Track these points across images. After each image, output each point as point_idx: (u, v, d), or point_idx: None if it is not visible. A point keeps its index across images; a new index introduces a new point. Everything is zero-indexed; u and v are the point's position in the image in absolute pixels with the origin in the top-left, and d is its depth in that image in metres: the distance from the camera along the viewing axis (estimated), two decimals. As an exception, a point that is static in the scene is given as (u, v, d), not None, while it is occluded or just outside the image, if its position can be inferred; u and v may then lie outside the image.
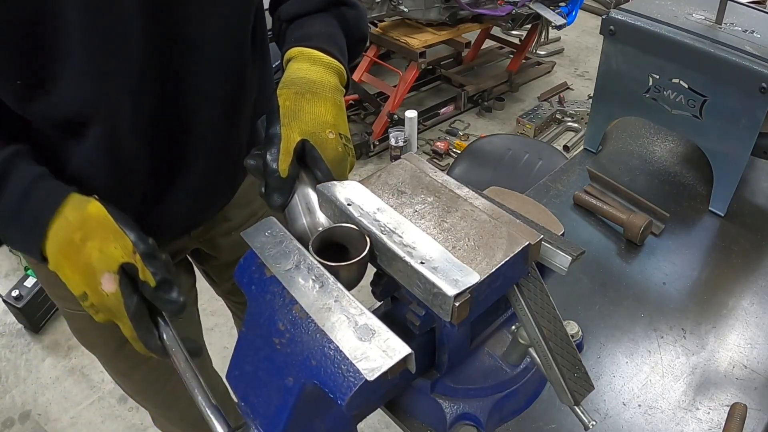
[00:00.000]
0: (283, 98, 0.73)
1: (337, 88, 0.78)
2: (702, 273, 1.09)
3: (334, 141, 0.73)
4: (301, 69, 0.76)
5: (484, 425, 0.76)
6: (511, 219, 0.66)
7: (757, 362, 0.92)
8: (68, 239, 0.65)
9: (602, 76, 1.26)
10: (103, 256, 0.64)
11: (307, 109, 0.72)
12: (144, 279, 0.66)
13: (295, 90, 0.73)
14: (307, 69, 0.76)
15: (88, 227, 0.65)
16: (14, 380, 2.16)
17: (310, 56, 0.77)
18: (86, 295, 0.66)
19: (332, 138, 0.73)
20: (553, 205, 1.23)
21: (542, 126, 3.37)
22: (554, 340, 0.66)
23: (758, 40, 1.06)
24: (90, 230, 0.65)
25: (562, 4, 3.42)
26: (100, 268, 0.64)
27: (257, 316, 0.61)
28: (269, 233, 0.65)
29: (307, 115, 0.72)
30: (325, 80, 0.76)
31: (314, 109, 0.73)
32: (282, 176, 0.70)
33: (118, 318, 0.66)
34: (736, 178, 1.14)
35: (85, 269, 0.64)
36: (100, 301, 0.65)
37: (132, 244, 0.65)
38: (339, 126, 0.74)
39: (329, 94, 0.75)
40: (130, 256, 0.65)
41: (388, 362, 0.51)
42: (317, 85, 0.75)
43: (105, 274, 0.64)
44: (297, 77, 0.75)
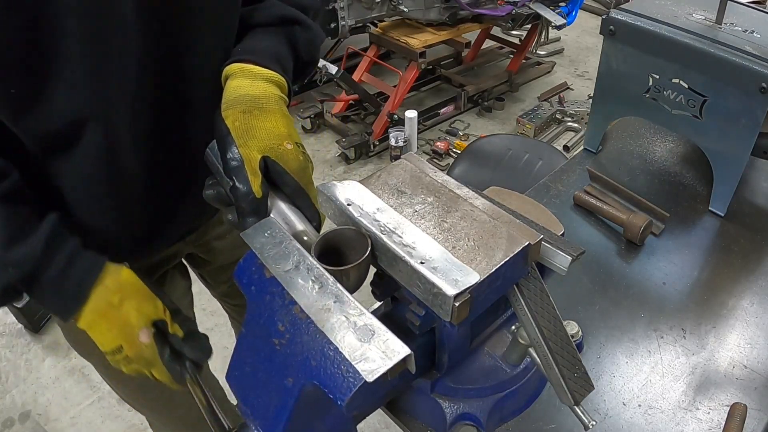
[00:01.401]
0: (231, 119, 0.71)
1: (281, 98, 0.76)
2: (702, 273, 1.09)
3: (293, 151, 0.72)
4: (241, 86, 0.74)
5: (484, 425, 0.76)
6: (511, 219, 0.66)
7: (757, 362, 0.92)
8: (108, 302, 0.73)
9: (602, 76, 1.26)
10: (140, 314, 0.74)
11: (259, 125, 0.71)
12: (173, 332, 0.77)
13: (240, 109, 0.72)
14: (248, 86, 0.74)
15: (125, 291, 0.74)
16: (14, 380, 2.16)
17: (251, 72, 0.76)
18: (121, 348, 0.74)
19: (291, 149, 0.72)
20: (553, 205, 1.23)
21: (542, 126, 3.36)
22: (554, 340, 0.66)
23: (758, 40, 1.06)
24: (127, 293, 0.74)
25: (562, 4, 3.42)
26: (138, 324, 0.73)
27: (257, 316, 0.61)
28: (269, 234, 0.65)
29: (260, 131, 0.71)
30: (268, 93, 0.75)
31: (266, 125, 0.71)
32: (257, 197, 0.69)
33: (153, 365, 0.77)
34: (736, 178, 1.14)
35: (124, 326, 0.73)
36: (137, 353, 0.75)
37: (162, 304, 0.76)
38: (293, 135, 0.73)
39: (275, 106, 0.74)
40: (161, 314, 0.76)
41: (388, 363, 0.50)
42: (261, 100, 0.73)
43: (143, 328, 0.74)
44: (239, 95, 0.73)
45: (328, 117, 3.45)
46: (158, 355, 0.75)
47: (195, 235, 1.05)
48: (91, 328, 0.74)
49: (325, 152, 3.31)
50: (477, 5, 3.19)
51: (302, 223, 0.71)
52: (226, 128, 0.71)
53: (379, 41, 3.31)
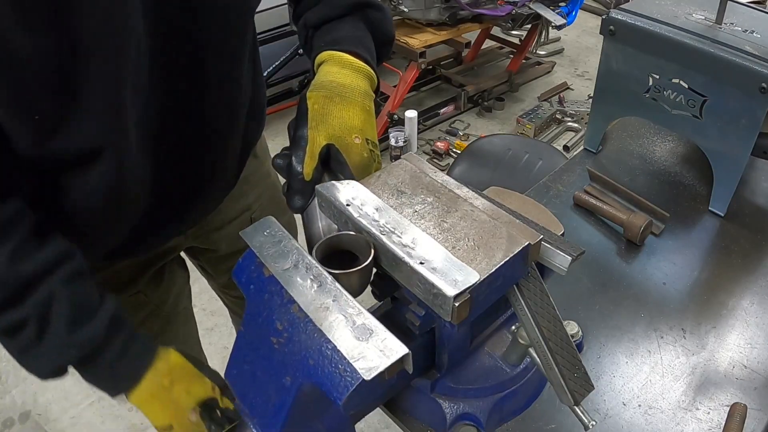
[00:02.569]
0: (312, 101, 0.73)
1: (367, 93, 0.77)
2: (702, 273, 1.09)
3: (359, 146, 0.73)
4: (330, 72, 0.76)
5: (484, 425, 0.76)
6: (511, 219, 0.66)
7: (757, 362, 0.92)
8: (159, 384, 0.75)
9: (602, 76, 1.26)
10: (189, 396, 0.75)
11: (335, 113, 0.73)
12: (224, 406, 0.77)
13: (324, 93, 0.74)
14: (336, 72, 0.76)
15: (175, 374, 0.76)
16: (14, 380, 2.16)
17: (341, 60, 0.77)
18: (172, 427, 0.76)
19: (358, 143, 0.73)
20: (553, 205, 1.23)
21: (542, 126, 3.36)
22: (554, 340, 0.66)
23: (758, 40, 1.06)
24: (177, 376, 0.76)
25: (562, 4, 3.42)
26: (188, 406, 0.75)
27: (255, 315, 0.61)
28: (268, 233, 0.65)
29: (334, 119, 0.72)
30: (354, 84, 0.76)
31: (342, 113, 0.73)
32: (306, 179, 0.71)
33: None
34: (736, 178, 1.14)
35: (176, 407, 0.75)
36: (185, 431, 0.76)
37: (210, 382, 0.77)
38: (366, 131, 0.74)
39: (358, 98, 0.75)
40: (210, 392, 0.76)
41: (385, 362, 0.50)
42: (346, 89, 0.75)
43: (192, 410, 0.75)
44: (326, 80, 0.75)
45: (328, 117, 3.45)
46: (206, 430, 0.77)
47: (195, 229, 1.05)
48: (143, 407, 0.76)
49: (325, 152, 3.31)
50: (477, 5, 3.19)
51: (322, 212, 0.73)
52: (306, 108, 0.73)
53: (379, 41, 3.31)
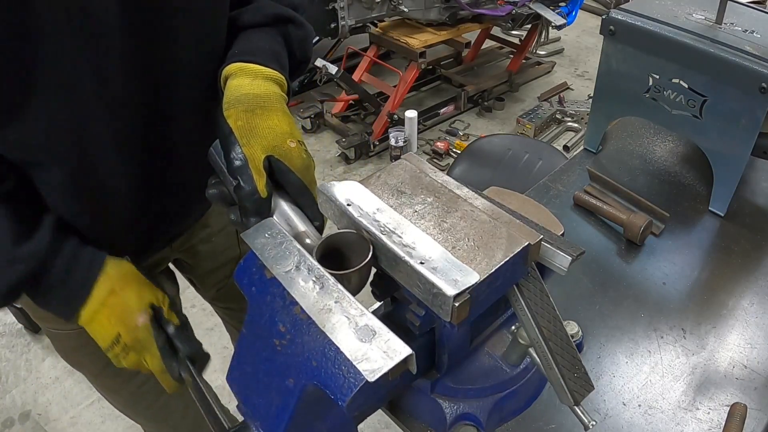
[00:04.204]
0: (234, 118, 0.71)
1: (282, 97, 0.76)
2: (702, 273, 1.09)
3: (297, 149, 0.72)
4: (242, 86, 0.74)
5: (484, 425, 0.76)
6: (511, 219, 0.66)
7: (757, 362, 0.92)
8: (110, 289, 0.75)
9: (602, 76, 1.26)
10: (139, 298, 0.76)
11: (262, 124, 0.71)
12: (169, 318, 0.78)
13: (243, 108, 0.71)
14: (249, 85, 0.74)
15: (127, 279, 0.77)
16: (14, 380, 2.16)
17: (252, 71, 0.75)
18: (118, 337, 0.76)
19: (294, 147, 0.71)
20: (553, 205, 1.23)
21: (542, 126, 3.37)
22: (554, 340, 0.66)
23: (758, 40, 1.06)
24: (128, 281, 0.77)
25: (562, 4, 3.42)
26: (137, 307, 0.76)
27: (257, 317, 0.61)
28: (269, 234, 0.65)
29: (264, 130, 0.70)
30: (269, 92, 0.74)
31: (269, 123, 0.71)
32: (262, 197, 0.69)
33: (149, 349, 0.77)
34: (736, 178, 1.14)
35: (123, 309, 0.75)
36: (133, 336, 0.76)
37: (161, 293, 0.79)
38: (295, 134, 0.73)
39: (277, 104, 0.74)
40: (159, 301, 0.78)
41: (389, 363, 0.51)
42: (264, 99, 0.73)
43: (141, 312, 0.76)
44: (241, 94, 0.73)
45: (328, 117, 3.45)
46: (153, 339, 0.76)
47: (180, 241, 1.05)
48: (92, 320, 0.75)
49: (325, 152, 3.31)
50: (477, 5, 3.19)
51: (304, 224, 0.71)
52: (229, 128, 0.70)
53: (379, 41, 3.31)
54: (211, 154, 0.76)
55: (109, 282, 0.74)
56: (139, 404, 1.11)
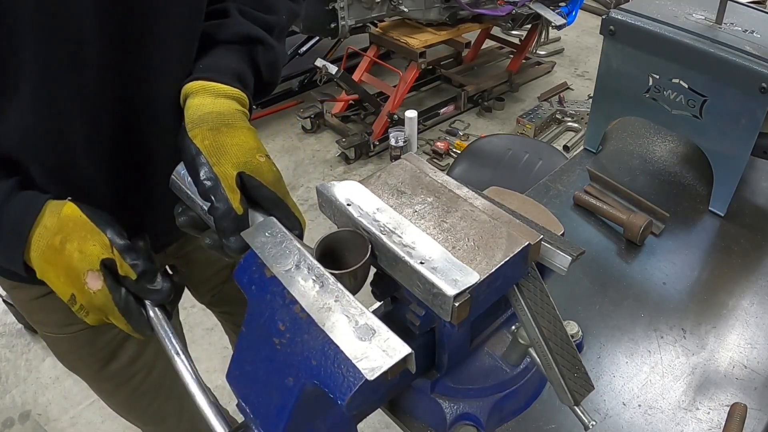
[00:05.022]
0: (200, 138, 0.69)
1: (245, 114, 0.75)
2: (702, 273, 1.09)
3: (267, 164, 0.70)
4: (204, 105, 0.72)
5: (484, 425, 0.76)
6: (511, 219, 0.66)
7: (757, 362, 0.92)
8: (49, 244, 0.66)
9: (602, 76, 1.26)
10: (83, 255, 0.65)
11: (230, 141, 0.69)
12: (124, 273, 0.67)
13: (208, 126, 0.70)
14: (211, 103, 0.73)
15: (66, 230, 0.66)
16: (14, 380, 2.16)
17: (214, 90, 0.74)
18: (74, 297, 0.67)
19: (264, 161, 0.70)
20: (553, 205, 1.23)
21: (542, 126, 3.37)
22: (554, 340, 0.66)
23: (758, 40, 1.06)
24: (68, 232, 0.66)
25: (562, 4, 3.42)
26: (82, 268, 0.65)
27: (257, 316, 0.61)
28: (269, 233, 0.65)
29: (232, 147, 0.69)
30: (232, 109, 0.73)
31: (236, 140, 0.70)
32: (238, 214, 0.66)
33: (110, 313, 0.68)
34: (736, 178, 1.14)
35: (69, 271, 0.66)
36: (88, 301, 0.67)
37: (109, 240, 0.67)
38: (262, 149, 0.72)
39: (241, 122, 0.72)
40: (109, 252, 0.66)
41: (389, 362, 0.51)
42: (228, 116, 0.72)
43: (88, 272, 0.65)
44: (204, 113, 0.71)
45: (328, 117, 3.45)
46: (112, 302, 0.67)
47: (174, 247, 1.04)
48: (44, 277, 0.68)
49: (325, 152, 3.31)
50: (477, 5, 3.20)
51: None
52: (196, 148, 0.68)
53: (379, 41, 3.31)
54: (174, 181, 0.74)
55: (48, 235, 0.66)
56: (134, 408, 1.11)
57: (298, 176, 3.12)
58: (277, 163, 0.74)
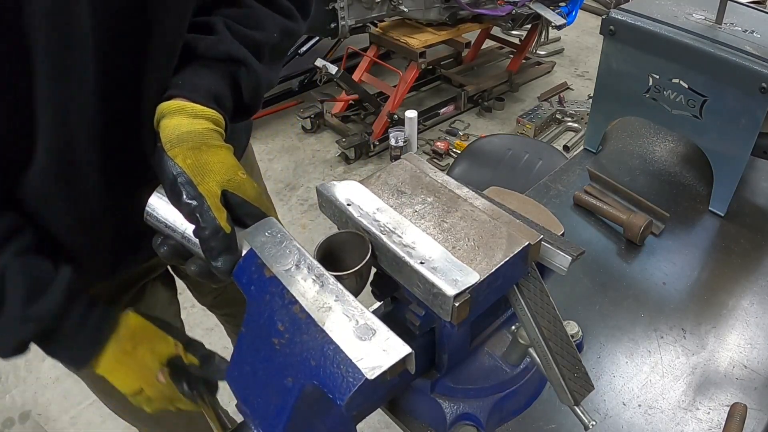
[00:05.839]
0: (181, 158, 0.67)
1: (221, 134, 0.74)
2: (702, 273, 1.09)
3: (249, 180, 0.70)
4: (182, 125, 0.71)
5: (484, 425, 0.76)
6: (511, 219, 0.66)
7: (757, 362, 0.92)
8: (123, 350, 0.75)
9: (602, 76, 1.26)
10: (154, 355, 0.77)
11: (211, 159, 0.69)
12: (189, 362, 0.79)
13: (188, 146, 0.69)
14: (189, 123, 0.71)
15: (137, 337, 0.77)
16: (14, 380, 2.16)
17: (192, 111, 0.73)
18: (142, 390, 0.77)
19: (245, 177, 0.70)
20: (553, 205, 1.23)
21: (542, 126, 3.36)
22: (554, 340, 0.66)
23: (758, 40, 1.06)
24: (139, 339, 0.76)
25: (562, 4, 3.42)
26: (155, 366, 0.76)
27: (257, 316, 0.61)
28: (269, 233, 0.65)
29: (214, 165, 0.68)
30: (210, 129, 0.72)
31: (217, 158, 0.69)
32: (227, 232, 0.65)
33: (175, 400, 0.80)
34: (736, 178, 1.14)
35: (141, 369, 0.76)
36: (158, 393, 0.78)
37: (173, 340, 0.79)
38: (240, 166, 0.72)
39: (219, 141, 0.72)
40: (173, 350, 0.78)
41: (388, 361, 0.50)
42: (206, 135, 0.71)
43: (160, 369, 0.77)
44: (182, 133, 0.70)
45: (328, 117, 3.45)
46: (178, 392, 0.78)
47: None
48: (110, 375, 0.76)
49: (325, 152, 3.31)
50: (477, 5, 3.20)
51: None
52: (178, 168, 0.67)
53: (379, 41, 3.31)
54: (149, 213, 0.72)
55: (121, 342, 0.75)
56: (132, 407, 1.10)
57: (298, 176, 3.12)
58: (277, 163, 0.74)
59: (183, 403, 0.80)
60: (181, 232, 0.70)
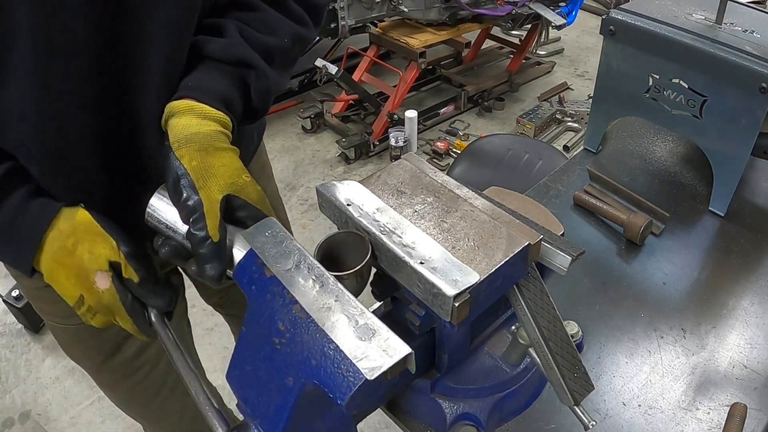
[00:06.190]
0: (188, 158, 0.68)
1: (228, 136, 0.75)
2: (702, 273, 1.09)
3: (251, 183, 0.70)
4: (191, 125, 0.71)
5: (484, 425, 0.76)
6: (511, 219, 0.66)
7: (757, 362, 0.92)
8: (61, 246, 0.69)
9: (602, 76, 1.26)
10: (93, 256, 0.69)
11: (217, 162, 0.69)
12: (127, 276, 0.70)
13: (195, 147, 0.69)
14: (198, 124, 0.72)
15: (78, 233, 0.70)
16: (14, 380, 2.16)
17: (201, 111, 0.73)
18: (82, 299, 0.70)
19: (249, 180, 0.70)
20: (553, 205, 1.23)
21: (542, 126, 3.37)
22: (554, 340, 0.66)
23: (758, 40, 1.06)
24: (80, 235, 0.70)
25: (562, 4, 3.42)
26: (92, 268, 0.69)
27: (257, 315, 0.61)
28: (269, 233, 0.65)
29: (219, 168, 0.69)
30: (218, 131, 0.73)
31: (223, 162, 0.69)
32: (214, 241, 0.65)
33: (117, 312, 0.71)
34: (736, 178, 1.14)
35: (79, 271, 0.69)
36: (96, 301, 0.70)
37: (115, 243, 0.70)
38: (245, 170, 0.72)
39: (226, 143, 0.72)
40: (116, 256, 0.70)
41: (389, 362, 0.51)
42: (214, 138, 0.71)
43: (97, 272, 0.69)
44: (190, 133, 0.70)
45: (328, 117, 3.45)
46: (120, 302, 0.70)
47: None
48: (51, 280, 0.71)
49: (325, 152, 3.31)
50: (477, 5, 3.20)
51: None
52: (183, 169, 0.67)
53: (379, 41, 3.31)
54: (150, 214, 0.72)
55: (61, 238, 0.69)
56: (135, 402, 1.11)
57: (298, 176, 3.12)
58: (277, 163, 0.74)
59: (122, 319, 0.71)
60: (182, 233, 0.70)
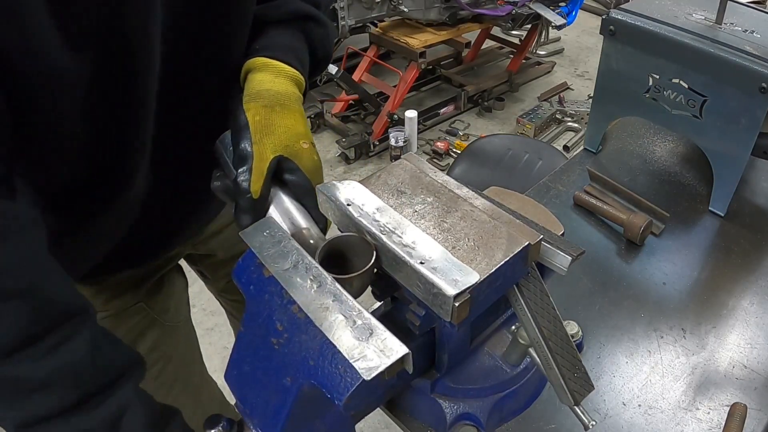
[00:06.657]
0: (252, 112, 0.70)
1: (300, 99, 0.76)
2: (702, 273, 1.09)
3: (309, 151, 0.72)
4: (265, 81, 0.74)
5: (484, 425, 0.76)
6: (511, 219, 0.66)
7: (757, 362, 0.92)
8: None
9: (602, 76, 1.26)
10: None
11: (279, 122, 0.70)
12: None
13: (263, 103, 0.71)
14: (271, 81, 0.74)
15: None
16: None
17: (275, 68, 0.75)
18: None
19: (307, 148, 0.71)
20: (553, 205, 1.23)
21: (542, 126, 3.36)
22: (554, 340, 0.66)
23: (758, 40, 1.06)
24: None
25: (562, 4, 3.42)
26: None
27: (255, 315, 0.61)
28: (268, 233, 0.65)
29: (279, 128, 0.70)
30: (290, 91, 0.74)
31: (286, 122, 0.71)
32: (254, 197, 0.68)
33: None
34: (736, 178, 1.14)
35: None
36: None
37: None
38: (309, 135, 0.73)
39: (296, 105, 0.74)
40: None
41: (386, 362, 0.50)
42: (284, 97, 0.73)
43: None
44: (262, 89, 0.73)
45: (328, 117, 3.45)
46: None
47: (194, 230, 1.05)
48: None
49: (325, 152, 3.31)
50: (477, 5, 3.20)
51: (307, 223, 0.71)
52: (246, 120, 0.70)
53: (379, 41, 3.31)
54: (218, 147, 0.75)
55: None
56: None
57: (297, 176, 3.12)
58: (277, 162, 0.74)
59: None
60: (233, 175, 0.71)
